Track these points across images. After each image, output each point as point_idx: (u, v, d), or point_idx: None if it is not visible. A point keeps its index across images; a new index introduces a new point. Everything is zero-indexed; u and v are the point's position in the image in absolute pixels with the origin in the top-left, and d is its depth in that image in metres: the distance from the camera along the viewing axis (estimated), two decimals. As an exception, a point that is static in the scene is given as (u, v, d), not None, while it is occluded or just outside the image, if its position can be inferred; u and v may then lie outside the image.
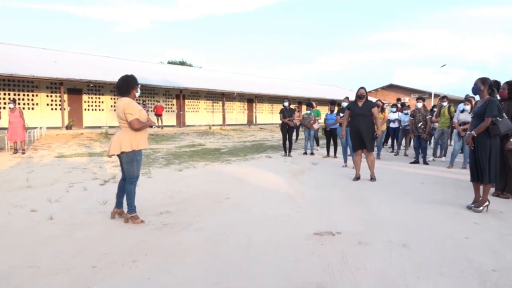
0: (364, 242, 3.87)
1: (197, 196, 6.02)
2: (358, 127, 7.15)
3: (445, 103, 10.00)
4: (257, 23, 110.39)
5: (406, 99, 41.56)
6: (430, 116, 9.57)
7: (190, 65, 49.43)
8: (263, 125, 28.87)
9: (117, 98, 10.09)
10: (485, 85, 5.00)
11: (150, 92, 24.73)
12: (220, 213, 5.05)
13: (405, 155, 11.73)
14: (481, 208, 4.96)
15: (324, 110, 24.79)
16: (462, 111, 8.70)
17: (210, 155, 11.49)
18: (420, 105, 9.61)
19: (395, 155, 11.92)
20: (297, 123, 14.32)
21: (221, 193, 6.19)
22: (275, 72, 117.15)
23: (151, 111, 22.96)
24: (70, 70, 20.45)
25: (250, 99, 31.12)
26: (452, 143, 11.25)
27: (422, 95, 42.55)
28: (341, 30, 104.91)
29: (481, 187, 5.12)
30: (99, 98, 22.31)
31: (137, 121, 4.34)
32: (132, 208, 4.53)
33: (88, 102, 21.94)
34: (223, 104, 26.84)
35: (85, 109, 21.76)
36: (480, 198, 5.08)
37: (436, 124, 10.37)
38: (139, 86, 4.59)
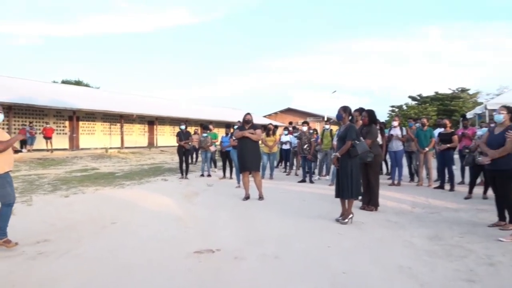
0: (241, 257, 4.17)
1: (81, 222, 5.84)
2: (244, 150, 7.60)
3: (327, 126, 11.03)
4: (158, 44, 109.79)
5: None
6: (314, 139, 10.51)
7: (87, 85, 46.92)
8: (164, 148, 28.47)
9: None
10: (346, 113, 5.79)
11: (39, 113, 22.96)
12: (104, 238, 4.98)
13: (296, 174, 12.59)
14: (346, 220, 5.63)
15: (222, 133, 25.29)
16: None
17: (103, 180, 11.08)
18: (305, 128, 10.52)
19: (286, 175, 12.72)
20: (195, 145, 14.51)
21: (108, 218, 6.08)
22: (178, 94, 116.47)
23: (39, 133, 21.28)
24: None
25: (151, 121, 30.56)
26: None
27: (316, 119, 45.86)
28: (244, 54, 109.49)
29: (346, 201, 5.82)
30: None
31: None
32: (4, 232, 4.31)
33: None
34: (122, 127, 25.96)
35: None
36: (346, 212, 5.76)
37: (318, 147, 11.34)
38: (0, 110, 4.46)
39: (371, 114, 6.71)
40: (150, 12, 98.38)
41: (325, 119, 42.41)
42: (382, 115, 50.55)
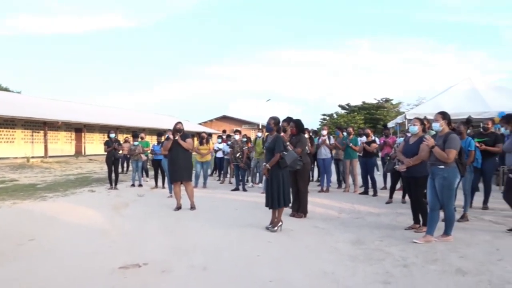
0: (168, 270, 4.09)
1: (-6, 240, 5.37)
2: (176, 159, 7.49)
3: (259, 134, 11.19)
4: (89, 47, 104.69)
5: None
6: (247, 147, 10.64)
7: (6, 89, 43.39)
8: (94, 156, 27.11)
9: None
10: (275, 124, 5.95)
11: None
12: (19, 257, 4.63)
13: (230, 183, 12.61)
14: (275, 228, 5.75)
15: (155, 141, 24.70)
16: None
17: (22, 192, 10.29)
18: (237, 137, 10.63)
19: (220, 183, 12.71)
20: (127, 154, 13.99)
21: (26, 234, 5.64)
22: (110, 100, 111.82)
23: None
24: None
25: (79, 129, 28.96)
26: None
27: (252, 127, 46.41)
28: (179, 60, 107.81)
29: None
30: None
31: None
32: None
33: None
34: (45, 134, 24.32)
35: None
36: (276, 220, 5.88)
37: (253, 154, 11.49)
38: None
39: (298, 124, 6.95)
40: (82, 13, 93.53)
41: (260, 126, 43.14)
42: (314, 123, 52.44)
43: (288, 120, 7.13)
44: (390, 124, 17.25)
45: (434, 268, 4.06)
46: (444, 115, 5.11)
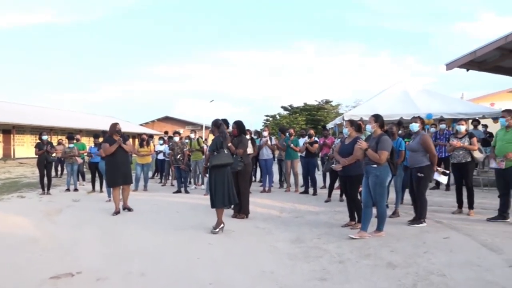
0: (104, 277, 3.94)
1: None
2: (117, 162, 7.28)
3: (192, 135, 11.08)
4: (20, 44, 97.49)
5: (181, 131, 43.93)
6: (187, 148, 10.53)
7: None
8: (24, 160, 25.39)
9: None
10: (215, 126, 6.00)
11: None
12: None
13: (172, 185, 12.38)
14: (217, 229, 5.74)
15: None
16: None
17: None
18: (177, 139, 10.51)
19: (162, 185, 12.43)
20: (61, 157, 13.25)
21: None
22: (45, 99, 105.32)
23: None
24: None
25: (7, 130, 26.97)
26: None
27: (195, 127, 45.89)
28: (122, 60, 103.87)
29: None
30: None
31: None
32: None
33: None
34: (-32, 136, 22.42)
35: None
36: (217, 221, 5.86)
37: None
38: None
39: (239, 125, 6.97)
40: (10, 7, 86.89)
41: (204, 127, 42.76)
42: (258, 124, 52.94)
43: (221, 122, 7.06)
44: (329, 125, 17.89)
45: (367, 262, 4.27)
46: (376, 118, 5.39)
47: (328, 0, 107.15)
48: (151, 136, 14.66)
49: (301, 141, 10.47)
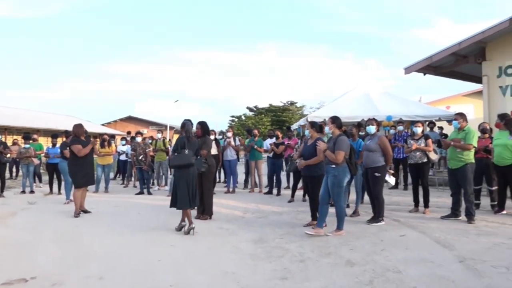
0: (59, 283, 3.81)
1: None
2: (84, 163, 7.24)
3: (159, 135, 10.94)
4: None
5: (144, 131, 43.09)
6: (150, 149, 10.37)
7: None
8: (-24, 160, 24.10)
9: None
10: (183, 128, 5.99)
11: None
12: None
13: (134, 186, 12.12)
14: (181, 229, 5.68)
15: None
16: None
17: None
18: (139, 139, 10.35)
19: (124, 187, 12.15)
20: (16, 158, 12.68)
21: None
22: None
23: None
24: None
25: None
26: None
27: (159, 128, 45.16)
28: (84, 57, 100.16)
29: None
30: None
31: None
32: None
33: None
34: None
35: None
36: (183, 222, 5.80)
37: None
38: None
39: (203, 125, 6.94)
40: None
41: (168, 127, 42.16)
42: (223, 125, 52.72)
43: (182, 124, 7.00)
44: (294, 126, 18.10)
45: (327, 261, 4.37)
46: (333, 119, 5.58)
47: (290, 4, 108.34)
48: (113, 137, 14.30)
49: (270, 141, 10.54)
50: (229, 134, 10.34)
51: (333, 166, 5.33)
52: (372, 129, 6.38)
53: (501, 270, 3.92)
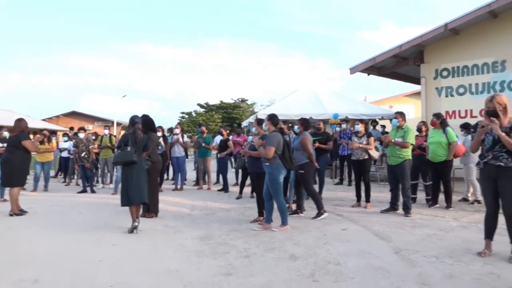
0: (-12, 286, 3.57)
1: None
2: (28, 159, 7.00)
3: (106, 131, 10.57)
4: None
5: (90, 127, 41.38)
6: (93, 146, 9.99)
7: None
8: None
9: None
10: (130, 124, 5.89)
11: None
12: None
13: (77, 184, 11.61)
14: (133, 229, 5.52)
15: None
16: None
17: None
18: (82, 135, 9.94)
19: (66, 185, 11.61)
20: None
21: None
22: None
23: None
24: None
25: None
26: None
27: (105, 123, 43.55)
28: (22, 48, 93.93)
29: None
30: None
31: None
32: None
33: None
34: None
35: None
36: (135, 222, 5.61)
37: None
38: None
39: (145, 122, 6.67)
40: None
41: (115, 123, 40.74)
42: (173, 121, 51.84)
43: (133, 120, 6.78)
44: (244, 123, 18.18)
45: (272, 256, 4.43)
46: (270, 117, 5.83)
47: (241, 2, 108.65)
48: (54, 132, 13.59)
49: (217, 138, 10.49)
50: (177, 130, 10.19)
51: (267, 164, 5.54)
52: (295, 128, 6.74)
53: (431, 260, 4.18)
